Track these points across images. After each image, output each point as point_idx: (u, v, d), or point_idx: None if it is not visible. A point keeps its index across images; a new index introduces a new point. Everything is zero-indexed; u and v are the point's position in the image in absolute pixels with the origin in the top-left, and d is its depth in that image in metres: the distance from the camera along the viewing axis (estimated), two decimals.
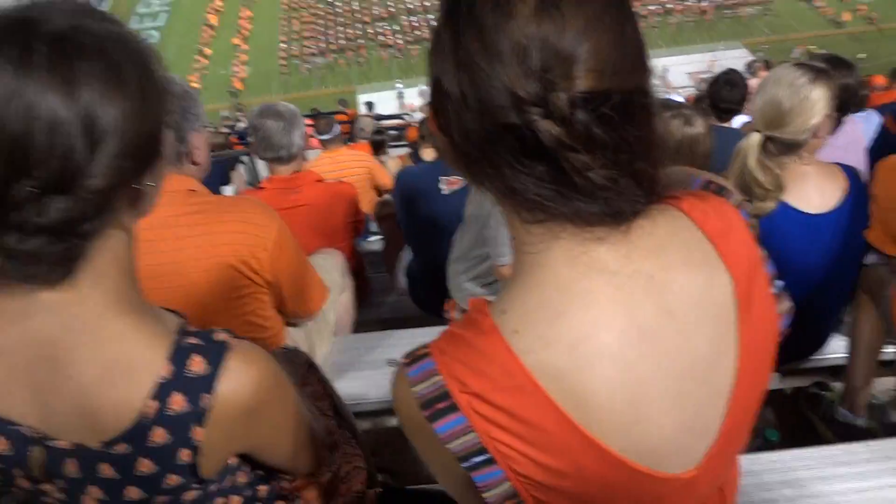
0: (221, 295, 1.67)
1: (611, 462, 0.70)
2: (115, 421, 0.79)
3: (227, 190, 5.27)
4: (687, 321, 0.71)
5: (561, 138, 0.62)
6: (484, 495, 0.72)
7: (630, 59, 0.66)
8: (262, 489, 1.10)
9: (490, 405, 0.68)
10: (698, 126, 1.89)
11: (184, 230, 1.59)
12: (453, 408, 0.69)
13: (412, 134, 7.53)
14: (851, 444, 1.59)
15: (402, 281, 3.20)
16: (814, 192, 1.85)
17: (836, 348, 2.20)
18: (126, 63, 0.75)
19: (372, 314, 3.29)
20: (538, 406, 0.68)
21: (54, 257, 0.72)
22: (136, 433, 0.79)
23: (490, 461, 0.69)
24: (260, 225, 1.69)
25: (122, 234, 0.82)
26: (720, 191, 0.82)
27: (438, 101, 0.71)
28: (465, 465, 0.70)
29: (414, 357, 0.73)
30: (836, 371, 2.23)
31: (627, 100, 0.64)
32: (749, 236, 0.78)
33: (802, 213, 1.85)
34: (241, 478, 1.02)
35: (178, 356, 0.81)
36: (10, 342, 0.78)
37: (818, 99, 1.74)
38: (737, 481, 1.02)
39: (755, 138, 1.74)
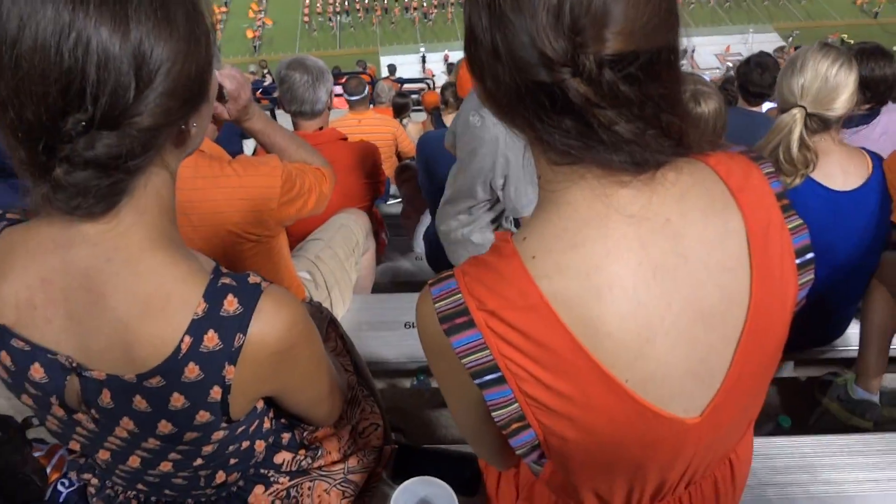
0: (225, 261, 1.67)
1: (615, 390, 0.73)
2: (151, 354, 0.80)
3: (248, 144, 5.26)
4: (700, 267, 0.74)
5: (588, 96, 0.63)
6: (493, 413, 0.75)
7: (660, 18, 0.66)
8: (285, 436, 1.12)
9: (504, 323, 0.71)
10: (707, 105, 1.88)
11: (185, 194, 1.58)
12: (470, 324, 0.72)
13: (430, 99, 7.49)
14: (866, 434, 1.60)
15: (420, 245, 3.20)
16: (838, 171, 1.87)
17: (852, 340, 2.19)
18: (175, 3, 0.75)
19: (388, 276, 3.30)
20: (549, 328, 0.71)
21: (99, 191, 0.72)
22: (171, 367, 0.80)
23: (501, 380, 0.73)
24: (263, 187, 1.67)
25: (165, 172, 0.82)
26: (756, 159, 0.83)
27: (473, 49, 0.72)
28: (478, 381, 0.73)
29: (439, 278, 0.77)
30: (851, 364, 2.23)
31: (655, 58, 0.65)
32: (770, 198, 0.79)
33: (827, 188, 1.86)
34: (266, 423, 1.04)
35: (214, 295, 0.82)
36: (50, 271, 0.79)
37: (855, 79, 1.76)
38: (749, 460, 1.03)
39: (798, 114, 1.73)
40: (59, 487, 1.37)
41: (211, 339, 0.81)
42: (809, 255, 0.81)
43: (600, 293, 0.71)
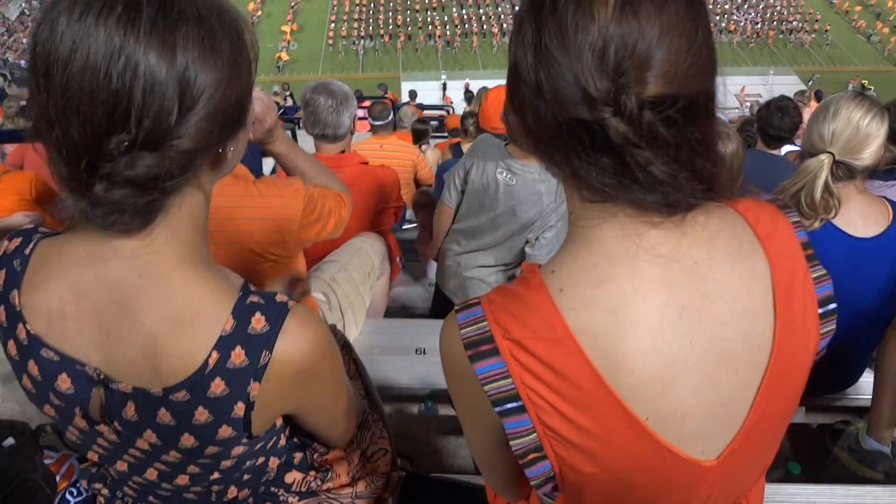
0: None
1: (635, 427, 0.73)
2: (178, 368, 0.81)
3: (267, 162, 5.32)
4: (725, 310, 0.75)
5: (627, 135, 0.65)
6: (511, 442, 0.76)
7: (700, 64, 0.68)
8: (297, 456, 1.13)
9: (528, 353, 0.72)
10: (726, 146, 1.91)
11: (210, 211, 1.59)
12: (494, 352, 0.73)
13: (452, 122, 7.56)
14: (876, 486, 1.58)
15: (433, 271, 3.21)
16: (859, 217, 1.86)
17: (865, 388, 2.17)
18: (221, 32, 0.78)
19: (401, 301, 3.31)
20: (574, 361, 0.72)
21: (136, 208, 0.75)
22: (197, 382, 0.82)
23: (522, 409, 0.74)
24: (286, 208, 1.69)
25: (200, 194, 0.85)
26: (783, 207, 0.84)
27: (515, 85, 0.75)
28: (498, 409, 0.74)
29: (465, 305, 0.78)
30: (863, 413, 2.20)
31: (693, 102, 0.68)
32: (796, 246, 0.81)
33: (846, 234, 1.86)
34: (282, 441, 1.05)
35: (242, 312, 0.83)
36: (83, 284, 0.82)
37: (886, 130, 1.77)
38: None
39: (826, 160, 1.74)
40: (68, 496, 1.38)
41: (238, 356, 0.82)
42: (832, 306, 0.82)
43: (625, 330, 0.72)
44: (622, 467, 0.76)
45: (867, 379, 2.15)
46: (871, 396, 2.03)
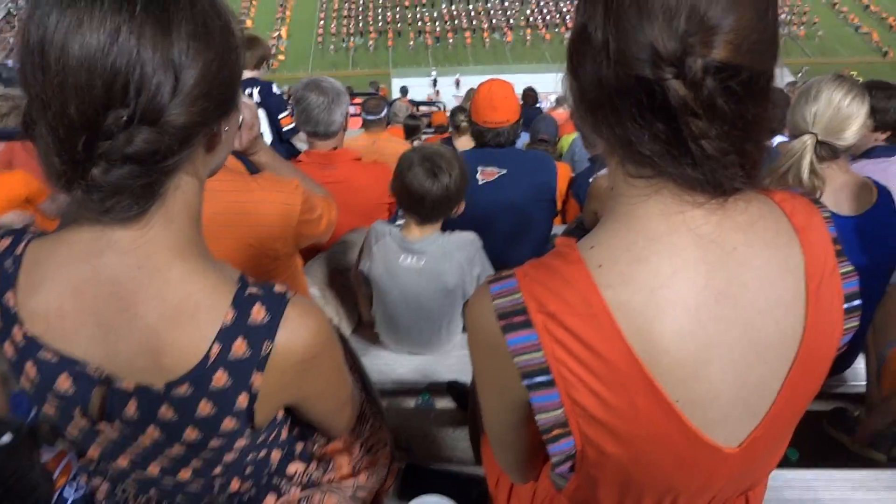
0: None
1: (664, 408, 0.73)
2: (179, 362, 0.81)
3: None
4: (760, 298, 0.75)
5: (687, 100, 0.65)
6: (537, 417, 0.76)
7: (765, 42, 0.69)
8: (299, 446, 1.13)
9: (562, 327, 0.72)
10: None
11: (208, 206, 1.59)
12: (527, 324, 0.73)
13: (438, 119, 7.56)
14: (877, 469, 1.58)
15: None
16: (843, 198, 1.89)
17: (860, 375, 2.18)
18: (212, 13, 0.79)
19: None
20: (608, 338, 0.71)
21: (133, 191, 0.75)
22: (199, 375, 0.81)
23: (551, 383, 0.73)
24: (285, 204, 1.70)
25: (195, 181, 0.85)
26: (816, 202, 0.85)
27: (578, 46, 0.75)
28: (527, 382, 0.74)
29: (498, 276, 0.77)
30: (859, 399, 2.22)
31: (754, 79, 0.68)
32: (829, 241, 0.81)
33: (832, 213, 1.86)
34: (284, 433, 1.05)
35: (241, 304, 0.83)
36: (81, 280, 0.81)
37: (867, 111, 1.80)
38: (763, 492, 1.03)
39: (809, 140, 1.75)
40: (65, 494, 1.38)
41: (239, 347, 0.82)
42: (857, 302, 0.83)
43: (663, 309, 0.72)
44: (645, 448, 0.76)
45: (861, 364, 2.17)
46: (863, 383, 2.05)
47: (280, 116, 4.42)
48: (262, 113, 4.49)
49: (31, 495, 1.34)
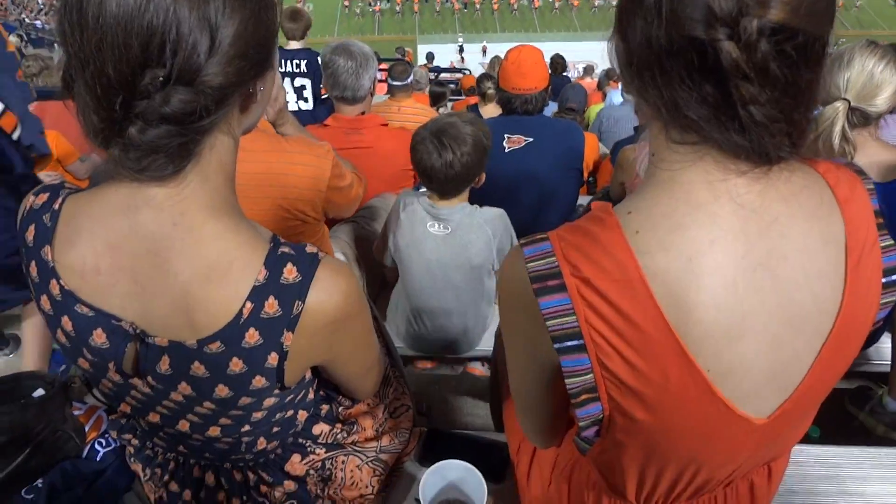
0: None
1: (696, 378, 0.72)
2: (213, 319, 0.82)
3: None
4: (799, 270, 0.74)
5: (739, 63, 0.63)
6: (567, 381, 0.76)
7: (823, 6, 0.66)
8: (324, 408, 1.15)
9: (597, 293, 0.71)
10: None
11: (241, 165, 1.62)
12: (561, 287, 0.72)
13: (468, 82, 7.46)
14: (894, 448, 1.57)
15: None
16: (873, 164, 1.85)
17: (885, 354, 2.15)
18: None
19: None
20: (642, 305, 0.71)
21: (169, 150, 0.75)
22: (232, 332, 0.83)
23: (582, 348, 0.73)
24: (316, 167, 1.71)
25: (229, 139, 0.85)
26: (860, 173, 0.83)
27: (629, 5, 0.73)
28: (558, 346, 0.74)
29: (532, 239, 0.77)
30: (882, 378, 2.19)
31: (810, 44, 0.65)
32: (871, 214, 0.79)
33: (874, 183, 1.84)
34: (310, 394, 1.07)
35: (274, 263, 0.84)
36: (117, 236, 0.82)
37: None
38: (784, 469, 1.03)
39: (842, 106, 1.72)
40: (97, 447, 1.42)
41: (271, 306, 0.83)
42: (895, 277, 0.81)
43: (700, 279, 0.71)
44: (674, 417, 0.76)
45: (885, 344, 2.14)
46: (890, 361, 2.02)
47: (323, 86, 4.43)
48: (307, 83, 4.50)
49: (63, 448, 1.38)
